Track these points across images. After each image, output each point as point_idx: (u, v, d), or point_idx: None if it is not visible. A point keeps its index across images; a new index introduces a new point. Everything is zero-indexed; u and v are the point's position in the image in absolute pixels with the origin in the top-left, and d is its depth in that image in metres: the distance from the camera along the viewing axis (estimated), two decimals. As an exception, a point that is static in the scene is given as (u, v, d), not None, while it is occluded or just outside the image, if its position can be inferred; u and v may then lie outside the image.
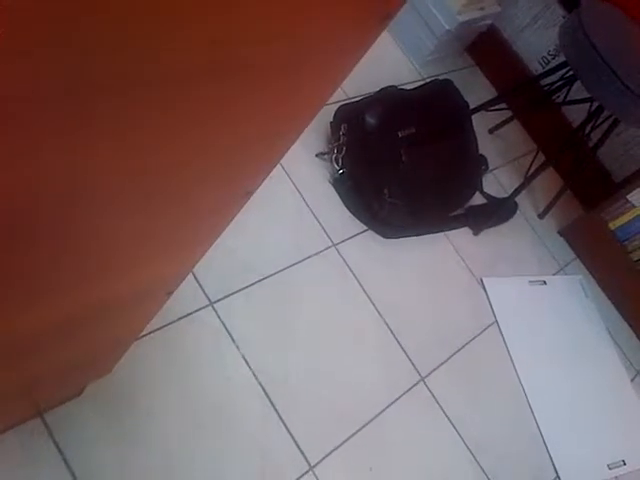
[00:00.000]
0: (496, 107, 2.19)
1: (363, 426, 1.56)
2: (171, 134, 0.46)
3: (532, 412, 1.87)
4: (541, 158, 2.18)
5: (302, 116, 0.55)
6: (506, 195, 2.24)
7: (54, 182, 0.43)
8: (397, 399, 1.66)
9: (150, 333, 1.38)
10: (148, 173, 0.50)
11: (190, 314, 1.47)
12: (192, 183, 0.55)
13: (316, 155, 1.93)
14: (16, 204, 0.42)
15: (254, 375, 1.48)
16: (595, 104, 1.99)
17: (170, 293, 0.86)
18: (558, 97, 2.33)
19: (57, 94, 0.34)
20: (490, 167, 2.32)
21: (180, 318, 1.45)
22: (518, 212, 2.30)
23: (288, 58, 0.44)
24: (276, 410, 1.46)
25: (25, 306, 0.59)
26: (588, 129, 2.07)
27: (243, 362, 1.48)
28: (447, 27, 2.27)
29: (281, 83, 0.47)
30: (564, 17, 2.37)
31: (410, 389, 1.70)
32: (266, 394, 1.47)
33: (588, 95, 1.87)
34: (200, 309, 1.49)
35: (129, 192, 0.51)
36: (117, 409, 1.28)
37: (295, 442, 1.45)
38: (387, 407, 1.63)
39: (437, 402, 1.72)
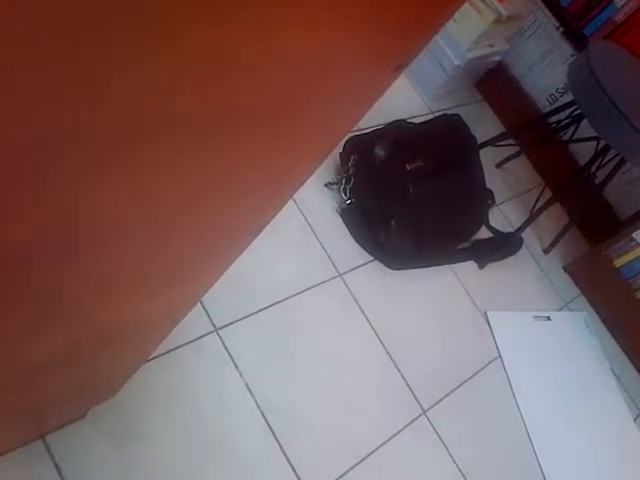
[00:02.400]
0: (504, 142, 2.22)
1: (364, 458, 1.56)
2: (187, 176, 0.48)
3: (534, 449, 1.85)
4: (547, 194, 2.20)
5: (314, 160, 0.57)
6: (512, 229, 2.25)
7: (63, 213, 0.44)
8: (398, 432, 1.65)
9: (155, 358, 1.38)
10: (162, 210, 0.51)
11: (195, 340, 1.48)
12: (205, 221, 0.57)
13: (325, 185, 1.95)
14: (26, 235, 0.44)
15: (256, 404, 1.48)
16: (602, 143, 2.01)
17: (176, 323, 0.87)
18: (565, 134, 2.35)
19: (66, 139, 0.36)
20: (497, 201, 2.33)
21: (185, 344, 1.46)
22: (523, 247, 2.31)
23: (301, 107, 0.46)
24: (277, 440, 1.46)
25: (31, 333, 0.60)
26: (594, 167, 2.08)
27: (246, 390, 1.48)
28: (457, 63, 2.30)
29: (294, 131, 0.49)
30: (572, 55, 2.40)
31: (411, 422, 1.70)
32: (267, 423, 1.47)
33: (595, 134, 1.89)
34: (205, 335, 1.50)
35: (142, 227, 0.52)
36: (119, 434, 1.28)
37: (295, 473, 1.44)
38: (388, 440, 1.62)
39: (438, 436, 1.71)
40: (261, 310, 1.61)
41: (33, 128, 0.33)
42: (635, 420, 2.14)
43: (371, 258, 1.91)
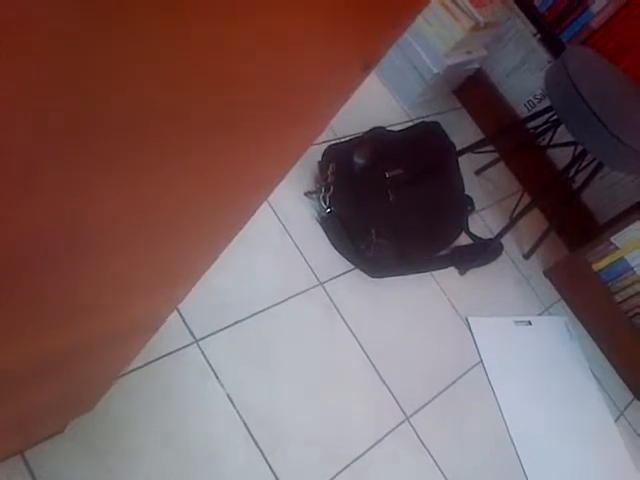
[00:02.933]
0: (483, 149, 2.23)
1: (347, 465, 1.55)
2: (161, 184, 0.47)
3: (516, 452, 1.86)
4: (526, 199, 2.22)
5: (285, 163, 0.57)
6: (492, 236, 2.26)
7: (44, 224, 0.44)
8: (382, 439, 1.65)
9: (135, 370, 1.37)
10: (133, 214, 0.51)
11: (174, 351, 1.46)
12: (176, 223, 0.56)
13: (304, 194, 1.94)
14: (6, 245, 0.43)
15: (238, 414, 1.47)
16: (579, 148, 2.03)
17: (154, 330, 0.86)
18: (543, 140, 2.37)
19: (59, 137, 0.35)
20: (476, 208, 2.35)
21: (164, 355, 1.44)
22: (503, 252, 2.32)
23: (268, 107, 0.46)
24: (260, 449, 1.45)
25: (5, 345, 0.59)
26: (572, 172, 2.10)
27: (227, 401, 1.47)
28: (435, 70, 2.31)
29: (261, 135, 0.48)
30: (550, 62, 2.42)
31: (395, 429, 1.69)
32: (250, 433, 1.46)
33: (573, 139, 1.91)
34: (185, 347, 1.49)
35: (115, 233, 0.51)
36: (99, 447, 1.27)
37: (278, 483, 1.43)
38: (372, 447, 1.62)
39: (422, 442, 1.71)
40: (242, 320, 1.61)
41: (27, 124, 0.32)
42: (616, 421, 2.16)
43: (352, 266, 1.91)
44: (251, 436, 1.45)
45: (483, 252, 2.21)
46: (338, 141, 2.01)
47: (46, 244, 0.46)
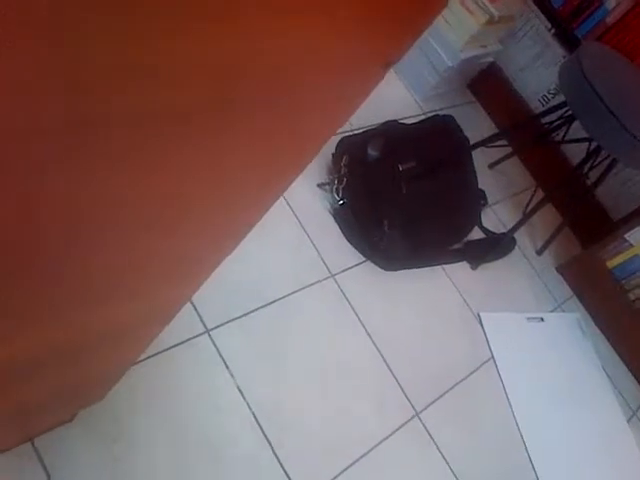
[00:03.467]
0: (496, 143, 2.21)
1: (356, 460, 1.55)
2: (176, 175, 0.47)
3: (526, 450, 1.85)
4: (540, 195, 2.20)
5: (303, 155, 0.56)
6: (504, 230, 2.25)
7: (57, 211, 0.43)
8: (392, 434, 1.65)
9: (146, 359, 1.37)
10: (150, 204, 0.50)
11: (186, 341, 1.47)
12: (193, 216, 0.56)
13: (317, 185, 1.94)
14: (20, 232, 0.43)
15: (248, 405, 1.47)
16: (594, 144, 2.01)
17: (166, 323, 0.86)
18: (557, 135, 2.35)
19: (61, 127, 0.35)
20: (489, 202, 2.33)
21: (176, 345, 1.44)
22: (516, 248, 2.31)
23: (290, 104, 0.45)
24: (268, 441, 1.45)
25: (16, 334, 0.59)
26: (587, 168, 2.08)
27: (237, 392, 1.47)
28: (449, 63, 2.30)
29: (283, 125, 0.48)
30: (564, 57, 2.40)
31: (405, 424, 1.69)
32: (259, 425, 1.46)
33: (587, 135, 1.89)
34: (196, 336, 1.49)
35: (129, 223, 0.51)
36: (108, 436, 1.27)
37: (287, 475, 1.43)
38: (381, 442, 1.62)
39: (431, 438, 1.71)
40: (253, 311, 1.60)
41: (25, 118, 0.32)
42: (628, 421, 2.14)
43: (363, 259, 1.91)
44: (260, 428, 1.45)
45: (496, 247, 2.19)
46: (352, 133, 2.00)
47: (64, 230, 0.46)
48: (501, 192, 2.43)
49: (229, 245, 0.70)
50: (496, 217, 2.34)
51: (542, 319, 2.20)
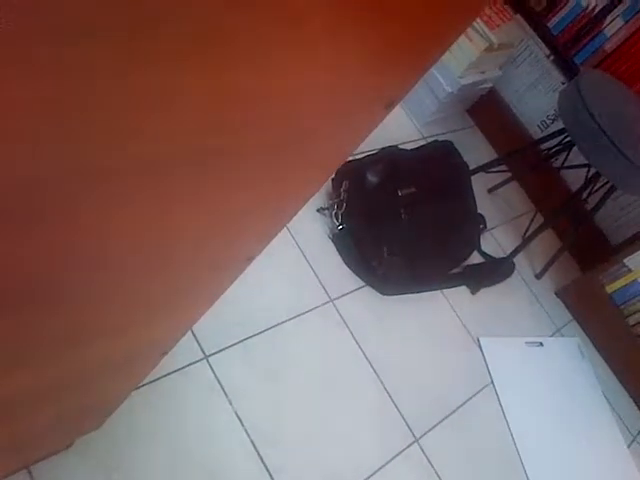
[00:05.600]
0: (496, 169, 2.23)
1: (355, 487, 1.54)
2: (182, 208, 0.47)
3: (526, 475, 1.84)
4: (539, 219, 2.21)
5: (305, 192, 0.57)
6: (504, 254, 2.25)
7: (52, 251, 0.44)
8: (391, 460, 1.64)
9: (143, 386, 1.36)
10: (149, 241, 0.51)
11: (184, 367, 1.46)
12: (194, 251, 0.56)
13: (317, 210, 1.94)
14: (17, 275, 0.43)
15: (246, 432, 1.46)
16: (593, 170, 2.02)
17: (165, 354, 0.86)
18: (557, 161, 2.37)
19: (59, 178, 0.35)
20: (488, 226, 2.34)
21: (174, 371, 1.44)
22: (515, 272, 2.31)
23: (292, 143, 0.46)
24: (267, 469, 1.44)
25: (16, 367, 0.59)
26: (586, 194, 2.09)
27: (236, 419, 1.46)
28: (449, 89, 2.32)
29: (286, 166, 0.48)
30: (563, 83, 2.42)
31: (404, 450, 1.68)
32: (258, 453, 1.45)
33: (586, 161, 1.90)
34: (194, 362, 1.48)
35: (128, 259, 0.51)
36: (105, 464, 1.26)
37: (285, 503, 1.42)
38: (381, 468, 1.61)
39: (431, 464, 1.69)
40: (252, 337, 1.60)
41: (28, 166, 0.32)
42: (629, 446, 2.13)
43: (363, 283, 1.91)
44: (258, 455, 1.44)
45: (495, 271, 2.20)
46: (352, 158, 2.01)
47: (60, 268, 0.46)
48: (500, 217, 2.44)
49: (229, 279, 0.71)
50: (495, 242, 2.35)
51: (541, 344, 2.19)
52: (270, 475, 1.43)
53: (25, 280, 0.42)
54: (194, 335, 1.51)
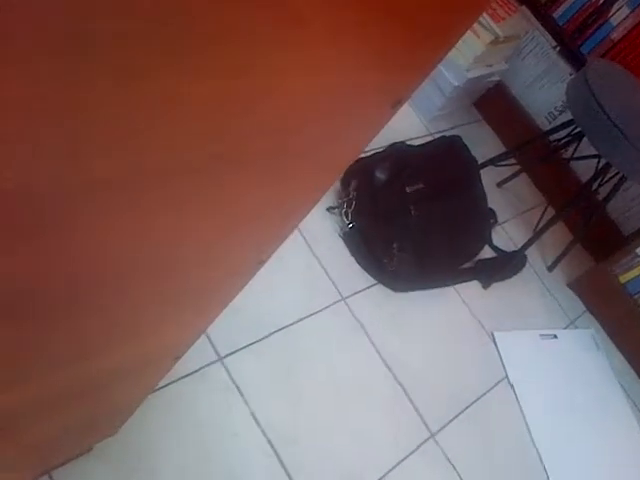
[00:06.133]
0: (504, 162, 2.22)
1: (373, 484, 1.54)
2: (188, 211, 0.48)
3: (544, 468, 1.83)
4: (550, 212, 2.20)
5: (315, 193, 0.57)
6: (515, 248, 2.24)
7: (65, 259, 0.44)
8: (407, 456, 1.64)
9: (159, 389, 1.37)
10: (161, 248, 0.51)
11: (199, 370, 1.47)
12: (205, 257, 0.56)
13: (326, 209, 1.95)
14: (32, 281, 0.44)
15: (263, 432, 1.46)
16: (603, 161, 2.01)
17: (178, 358, 0.86)
18: (566, 152, 2.36)
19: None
20: (499, 220, 2.33)
21: (189, 374, 1.45)
22: (527, 265, 2.30)
23: (300, 144, 0.46)
24: (285, 469, 1.44)
25: (30, 376, 0.60)
26: (596, 184, 2.08)
27: (252, 419, 1.47)
28: (455, 83, 2.31)
29: (294, 167, 0.49)
30: (570, 74, 2.41)
31: (420, 446, 1.68)
32: (275, 452, 1.45)
33: (596, 151, 1.89)
34: (209, 364, 1.49)
35: (141, 264, 0.52)
36: (124, 467, 1.27)
37: (303, 502, 1.43)
38: (397, 464, 1.61)
39: (447, 459, 1.69)
40: (265, 337, 1.61)
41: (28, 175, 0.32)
42: (646, 437, 2.12)
43: (374, 281, 1.91)
44: (276, 454, 1.45)
45: (507, 265, 2.19)
46: (360, 156, 2.01)
47: (74, 276, 0.47)
48: (511, 210, 2.43)
49: (242, 281, 0.71)
50: (506, 235, 2.34)
51: (555, 336, 2.19)
52: (288, 474, 1.44)
53: (35, 287, 0.43)
54: (208, 337, 1.51)
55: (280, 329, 1.64)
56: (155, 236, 0.45)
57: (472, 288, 2.11)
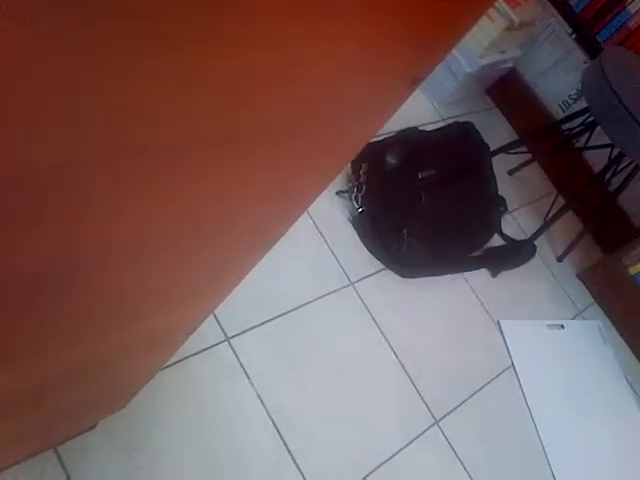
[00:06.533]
0: (516, 150, 2.20)
1: (376, 468, 1.55)
2: (201, 189, 0.47)
3: (547, 458, 1.84)
4: (561, 201, 2.18)
5: (329, 173, 0.56)
6: (524, 237, 2.23)
7: (84, 239, 0.44)
8: (411, 442, 1.64)
9: (166, 367, 1.38)
10: (182, 226, 0.51)
11: (206, 349, 1.47)
12: (218, 236, 0.56)
13: (336, 193, 1.94)
14: (50, 261, 0.43)
15: (268, 414, 1.47)
16: (616, 150, 1.99)
17: (189, 333, 0.86)
18: (579, 141, 2.34)
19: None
20: (509, 209, 2.32)
21: (196, 353, 1.45)
22: (537, 254, 2.29)
23: (317, 121, 0.45)
24: (289, 451, 1.45)
25: (44, 350, 0.60)
26: (609, 175, 2.07)
27: (257, 400, 1.47)
28: (468, 70, 2.29)
29: (310, 146, 0.48)
30: (585, 62, 2.38)
31: (424, 432, 1.68)
32: (279, 433, 1.46)
33: (609, 141, 1.88)
34: (216, 344, 1.49)
35: (154, 245, 0.51)
36: (130, 444, 1.28)
37: (307, 483, 1.43)
38: (401, 449, 1.61)
39: (451, 446, 1.70)
40: (272, 319, 1.61)
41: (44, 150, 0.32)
42: (651, 430, 2.11)
43: (383, 266, 1.90)
44: (280, 436, 1.46)
45: (516, 254, 2.18)
46: (371, 141, 2.00)
47: (91, 256, 0.46)
48: (521, 199, 2.42)
49: (255, 260, 0.71)
50: (516, 224, 2.33)
51: (562, 326, 2.18)
52: (292, 456, 1.45)
53: (57, 263, 0.43)
54: (216, 317, 1.52)
55: (287, 312, 1.64)
56: (179, 214, 0.45)
57: (480, 276, 2.10)
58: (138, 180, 0.39)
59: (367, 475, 1.52)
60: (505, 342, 2.01)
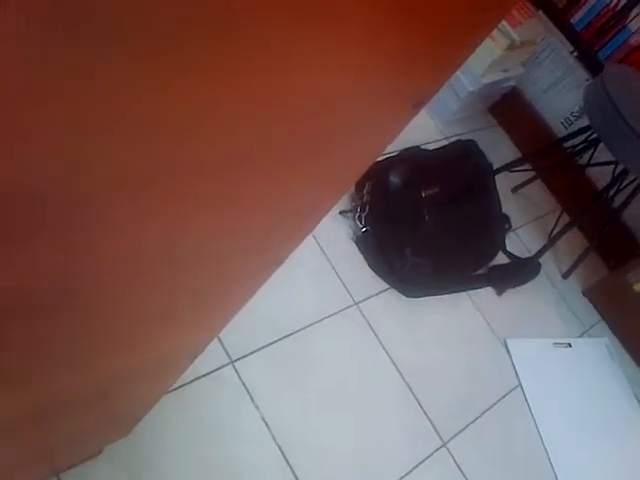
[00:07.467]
0: (519, 168, 2.20)
1: (383, 491, 1.53)
2: (206, 211, 0.47)
3: (556, 478, 1.81)
4: (565, 218, 2.18)
5: (333, 195, 0.56)
6: (529, 254, 2.22)
7: (85, 260, 0.43)
8: (419, 464, 1.62)
9: (171, 391, 1.36)
10: (181, 246, 0.50)
11: (210, 372, 1.46)
12: (224, 257, 0.56)
13: (340, 213, 1.94)
14: (51, 277, 0.43)
15: (273, 437, 1.45)
16: (620, 167, 1.98)
17: (195, 357, 0.85)
18: (582, 159, 2.33)
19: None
20: (513, 226, 2.31)
21: (201, 376, 1.44)
22: (542, 272, 2.28)
23: (321, 145, 0.45)
24: (294, 474, 1.43)
25: (48, 376, 0.59)
26: (612, 191, 2.06)
27: (262, 423, 1.46)
28: (471, 88, 2.29)
29: (314, 169, 0.48)
30: (587, 80, 2.39)
31: (432, 454, 1.66)
32: (284, 457, 1.44)
33: (612, 158, 1.87)
34: (221, 367, 1.48)
35: (159, 265, 0.51)
36: (134, 470, 1.26)
37: (313, 508, 1.41)
38: (408, 473, 1.59)
39: (459, 468, 1.67)
40: (277, 341, 1.60)
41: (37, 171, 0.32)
42: (661, 449, 2.09)
43: (387, 286, 1.89)
44: (285, 460, 1.44)
45: (521, 271, 2.17)
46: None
47: (91, 276, 0.46)
48: (525, 216, 2.41)
49: (258, 283, 0.70)
50: (520, 241, 2.32)
51: (570, 344, 2.16)
52: (297, 479, 1.43)
53: (61, 285, 0.42)
54: (220, 340, 1.51)
55: (292, 333, 1.63)
56: (181, 237, 0.45)
57: (485, 294, 2.09)
58: (142, 205, 0.39)
59: (374, 498, 1.50)
60: (512, 361, 1.99)
